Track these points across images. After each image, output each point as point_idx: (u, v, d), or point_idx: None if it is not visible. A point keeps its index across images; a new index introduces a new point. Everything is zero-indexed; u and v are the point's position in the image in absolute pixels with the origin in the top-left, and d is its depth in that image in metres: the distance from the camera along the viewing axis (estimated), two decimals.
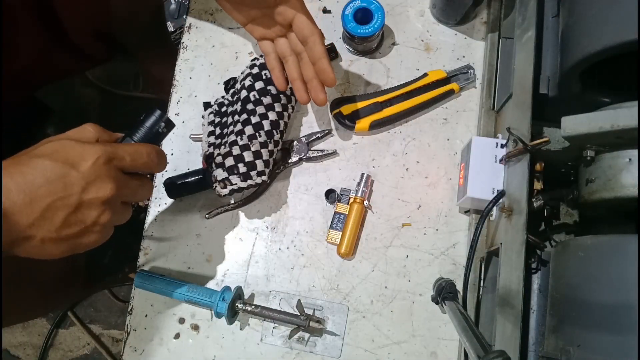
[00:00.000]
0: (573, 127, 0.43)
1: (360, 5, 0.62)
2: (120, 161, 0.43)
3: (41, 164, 0.39)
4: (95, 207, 0.41)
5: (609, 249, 0.41)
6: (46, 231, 0.39)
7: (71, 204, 0.40)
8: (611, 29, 0.42)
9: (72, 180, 0.40)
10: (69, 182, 0.40)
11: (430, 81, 0.64)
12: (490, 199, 0.52)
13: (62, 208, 0.40)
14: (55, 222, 0.40)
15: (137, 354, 0.60)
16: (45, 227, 0.39)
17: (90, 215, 0.41)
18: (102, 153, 0.41)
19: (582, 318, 0.41)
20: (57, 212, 0.39)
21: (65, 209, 0.40)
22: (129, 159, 0.43)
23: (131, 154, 0.44)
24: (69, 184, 0.40)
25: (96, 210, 0.41)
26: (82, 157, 0.40)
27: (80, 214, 0.41)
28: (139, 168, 0.45)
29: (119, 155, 0.43)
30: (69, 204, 0.40)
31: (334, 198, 0.62)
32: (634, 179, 0.43)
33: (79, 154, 0.40)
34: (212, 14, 0.70)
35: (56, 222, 0.40)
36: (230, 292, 0.58)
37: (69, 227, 0.41)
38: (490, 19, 0.66)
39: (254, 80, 0.60)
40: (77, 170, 0.40)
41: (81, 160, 0.40)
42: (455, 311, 0.47)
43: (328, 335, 0.59)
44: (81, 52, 0.75)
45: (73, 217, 0.40)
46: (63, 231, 0.40)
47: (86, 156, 0.40)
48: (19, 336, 1.21)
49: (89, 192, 0.40)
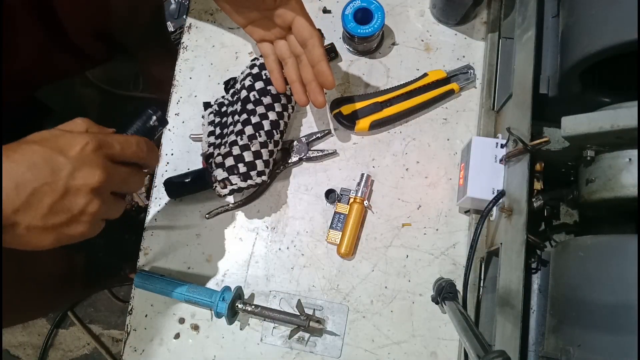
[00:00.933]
0: (573, 127, 0.43)
1: (360, 5, 0.62)
2: (109, 149, 0.42)
3: (29, 149, 0.38)
4: (82, 194, 0.40)
5: (609, 249, 0.41)
6: (31, 218, 0.38)
7: (57, 190, 0.39)
8: (611, 29, 0.42)
9: (59, 165, 0.39)
10: (55, 167, 0.39)
11: (430, 81, 0.64)
12: (490, 199, 0.52)
13: (48, 193, 0.39)
14: (41, 209, 0.39)
15: (137, 354, 0.60)
16: (31, 213, 0.38)
17: (77, 202, 0.40)
18: (91, 140, 0.41)
19: (582, 318, 0.41)
20: (43, 198, 0.38)
21: (51, 194, 0.39)
22: (118, 147, 0.43)
23: (120, 142, 0.43)
24: (55, 169, 0.39)
25: (84, 198, 0.40)
26: (70, 143, 0.40)
27: (67, 201, 0.40)
28: (128, 157, 0.44)
29: (108, 143, 0.42)
30: (55, 190, 0.39)
31: (334, 198, 0.62)
32: (634, 179, 0.43)
33: (68, 141, 0.40)
34: (212, 14, 0.70)
35: (42, 209, 0.39)
36: (230, 292, 0.58)
37: (55, 215, 0.39)
38: (490, 19, 0.66)
39: (254, 80, 0.60)
40: (64, 155, 0.39)
41: (69, 147, 0.40)
42: (455, 311, 0.47)
43: (328, 335, 0.59)
44: (81, 52, 0.75)
45: (60, 204, 0.39)
46: (49, 219, 0.39)
47: (75, 143, 0.40)
48: (19, 336, 1.21)
49: (76, 178, 0.40)
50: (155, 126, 0.49)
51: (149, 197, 0.64)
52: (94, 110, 1.16)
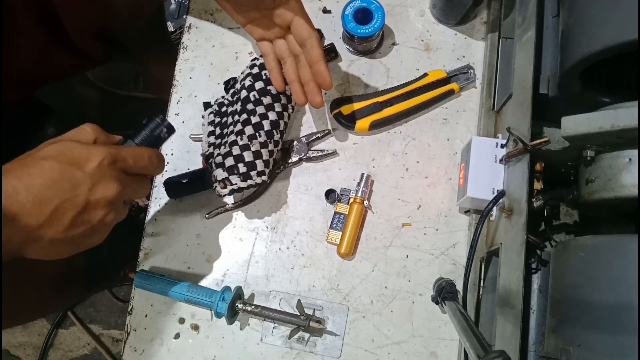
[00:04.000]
0: (573, 127, 0.43)
1: (360, 5, 0.62)
2: (123, 162, 0.44)
3: (48, 166, 0.40)
4: (101, 207, 0.42)
5: (609, 249, 0.41)
6: (55, 232, 0.40)
7: (79, 204, 0.41)
8: (611, 29, 0.42)
9: (79, 181, 0.41)
10: (76, 182, 0.40)
11: (430, 81, 0.64)
12: (490, 199, 0.52)
13: (70, 209, 0.40)
14: (63, 223, 0.40)
15: (137, 354, 0.60)
16: (54, 228, 0.40)
17: (97, 215, 0.42)
18: (107, 154, 0.42)
19: (582, 318, 0.41)
20: (65, 213, 0.40)
21: (73, 209, 0.40)
22: (131, 161, 0.45)
23: (133, 156, 0.45)
24: (76, 184, 0.40)
25: (102, 210, 0.42)
26: (87, 158, 0.41)
27: (87, 214, 0.42)
28: (139, 170, 0.46)
29: (122, 157, 0.44)
30: (76, 205, 0.41)
31: (334, 198, 0.62)
32: (634, 179, 0.43)
33: (85, 156, 0.41)
34: (212, 14, 0.70)
35: (64, 223, 0.40)
36: (230, 292, 0.58)
37: (76, 227, 0.41)
38: (490, 19, 0.66)
39: (254, 80, 0.60)
40: (83, 171, 0.41)
41: (87, 161, 0.41)
42: (455, 311, 0.47)
43: (328, 335, 0.59)
44: (81, 52, 0.75)
45: (80, 217, 0.41)
46: (71, 231, 0.41)
47: (92, 157, 0.41)
48: (19, 336, 1.21)
49: (95, 192, 0.41)
50: (163, 137, 0.50)
51: (149, 197, 0.64)
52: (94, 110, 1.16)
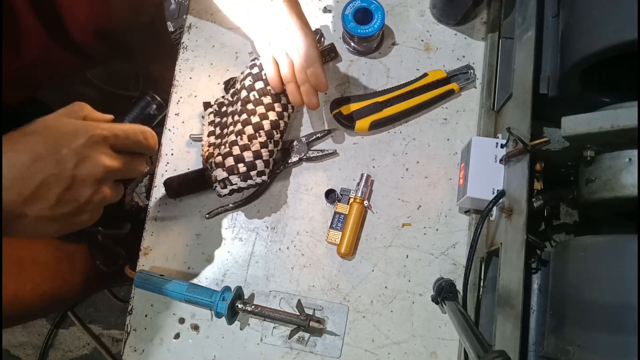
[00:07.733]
0: (573, 127, 0.43)
1: (360, 5, 0.62)
2: (113, 139, 0.43)
3: (33, 141, 0.39)
4: (88, 184, 0.41)
5: (609, 249, 0.41)
6: (40, 209, 0.39)
7: (64, 181, 0.39)
8: (611, 28, 0.42)
9: (65, 156, 0.39)
10: (61, 158, 0.39)
11: (430, 81, 0.64)
12: (490, 199, 0.52)
13: (55, 185, 0.39)
14: (49, 200, 0.39)
15: (137, 354, 0.60)
16: (39, 204, 0.39)
17: (84, 192, 0.41)
18: (95, 131, 0.41)
19: (582, 318, 0.41)
20: (50, 189, 0.39)
21: (58, 185, 0.39)
22: (121, 137, 0.43)
23: (123, 132, 0.44)
24: (61, 160, 0.39)
25: (90, 188, 0.41)
26: (75, 134, 0.40)
27: (74, 191, 0.40)
28: (130, 147, 0.45)
29: (112, 134, 0.43)
30: (61, 181, 0.39)
31: (334, 198, 0.62)
32: (634, 179, 0.43)
33: (72, 132, 0.40)
34: (212, 14, 0.70)
35: (50, 200, 0.39)
36: (230, 292, 0.58)
37: (63, 205, 0.40)
38: (490, 19, 0.66)
39: (254, 80, 0.60)
40: (69, 147, 0.40)
41: (74, 137, 0.40)
42: (455, 311, 0.47)
43: (328, 335, 0.59)
44: (82, 52, 0.75)
45: (67, 194, 0.40)
46: (57, 209, 0.40)
47: (79, 133, 0.40)
48: (19, 336, 1.21)
49: (82, 169, 0.40)
50: (154, 114, 0.49)
51: (149, 197, 0.64)
52: None
